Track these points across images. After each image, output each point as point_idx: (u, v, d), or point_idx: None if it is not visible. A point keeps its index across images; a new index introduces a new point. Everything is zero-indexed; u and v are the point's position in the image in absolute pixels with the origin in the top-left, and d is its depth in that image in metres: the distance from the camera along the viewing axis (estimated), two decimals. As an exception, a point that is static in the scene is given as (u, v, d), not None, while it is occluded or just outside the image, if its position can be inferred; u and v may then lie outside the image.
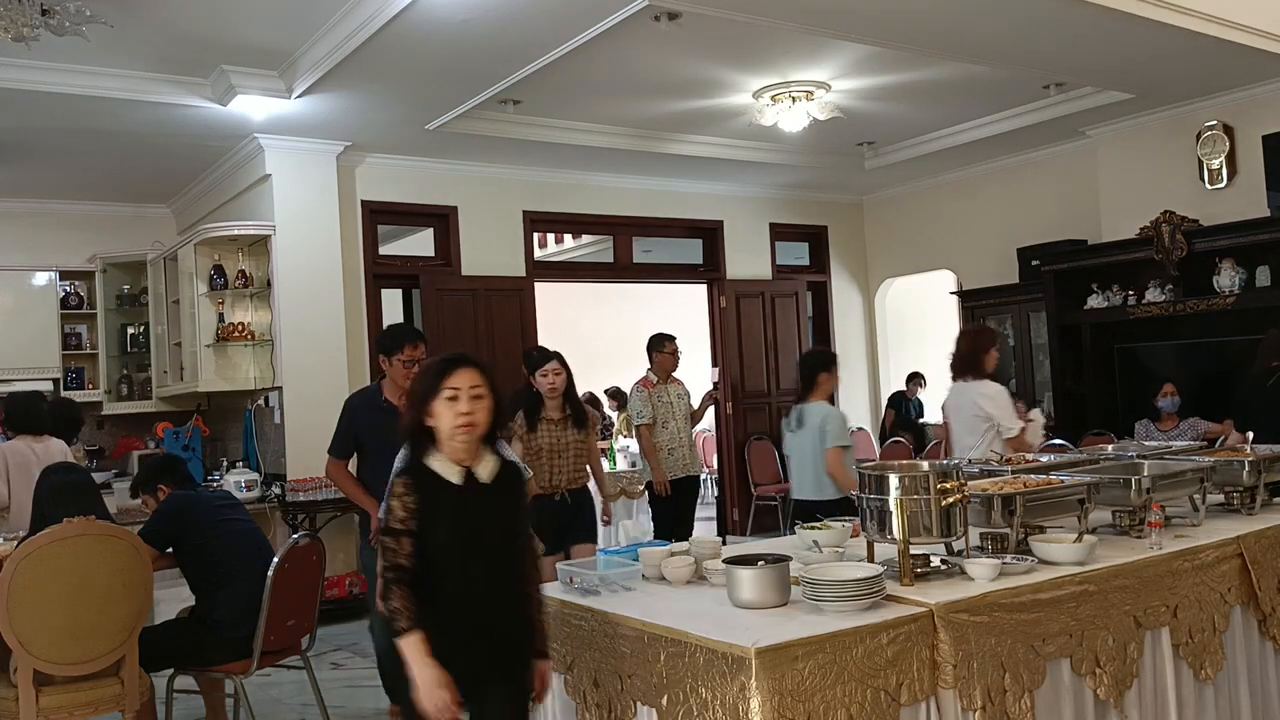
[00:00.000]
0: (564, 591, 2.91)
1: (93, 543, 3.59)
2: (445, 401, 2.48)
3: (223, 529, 4.05)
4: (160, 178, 7.80)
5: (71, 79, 5.63)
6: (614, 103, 6.86)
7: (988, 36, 5.62)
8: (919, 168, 9.04)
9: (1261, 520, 3.40)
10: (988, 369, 5.02)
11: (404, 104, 6.35)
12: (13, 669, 3.54)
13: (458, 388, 2.49)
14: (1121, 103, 7.12)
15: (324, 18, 5.20)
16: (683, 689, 2.35)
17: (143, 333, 8.36)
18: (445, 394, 2.49)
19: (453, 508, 2.47)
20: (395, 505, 2.44)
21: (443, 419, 2.49)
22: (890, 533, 2.68)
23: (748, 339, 9.44)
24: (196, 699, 4.36)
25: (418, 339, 4.42)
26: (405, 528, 2.43)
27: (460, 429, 2.47)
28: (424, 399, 2.51)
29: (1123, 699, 2.72)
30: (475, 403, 2.50)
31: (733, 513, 9.27)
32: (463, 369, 2.52)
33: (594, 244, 10.57)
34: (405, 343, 4.37)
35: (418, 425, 2.52)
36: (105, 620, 3.60)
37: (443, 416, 2.49)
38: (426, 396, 2.51)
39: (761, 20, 5.19)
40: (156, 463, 4.47)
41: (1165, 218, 7.16)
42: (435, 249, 8.07)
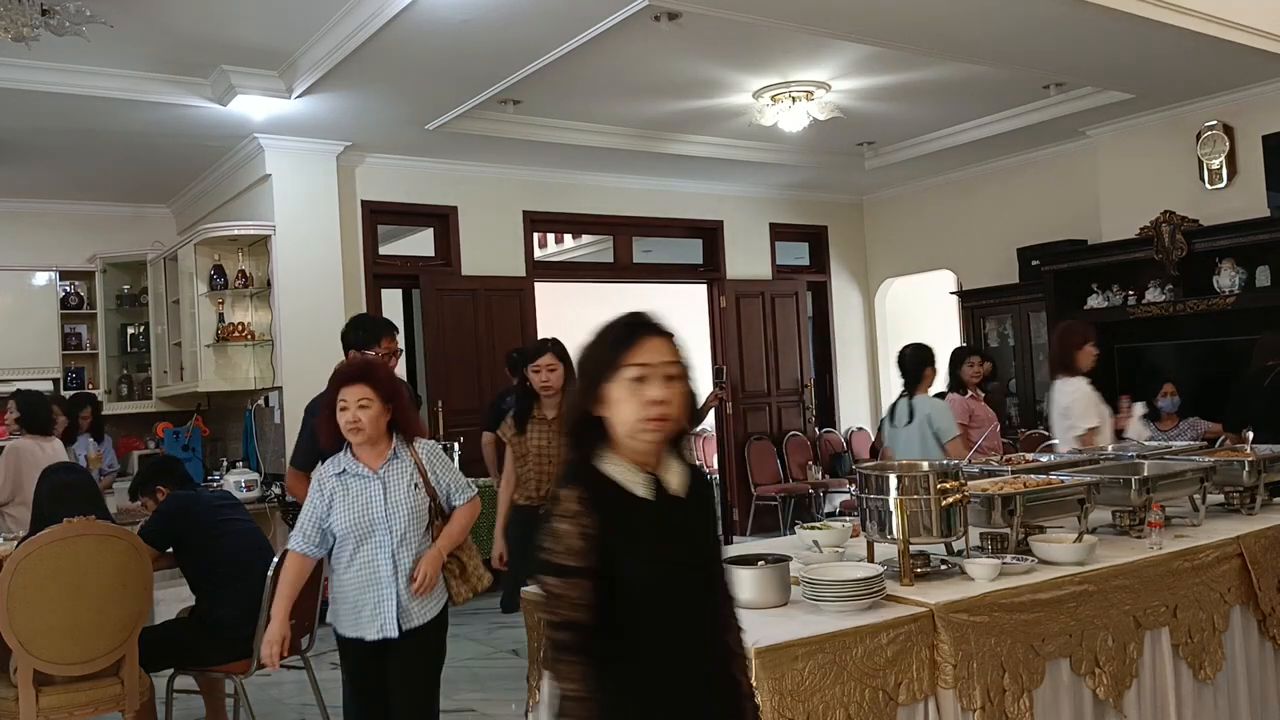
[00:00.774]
0: (564, 591, 2.90)
1: (93, 543, 3.60)
2: (628, 384, 1.80)
3: (223, 529, 4.05)
4: (160, 178, 7.80)
5: (71, 79, 5.63)
6: (614, 103, 6.86)
7: (988, 36, 5.62)
8: (919, 168, 9.04)
9: (1261, 520, 3.40)
10: (1079, 366, 4.95)
11: (404, 104, 6.35)
12: (13, 669, 3.54)
13: (648, 364, 1.81)
14: (1121, 103, 7.12)
15: (324, 18, 5.20)
16: (682, 689, 2.35)
17: (143, 333, 8.37)
18: (629, 373, 1.80)
19: (647, 532, 1.79)
20: (566, 530, 1.75)
21: (623, 408, 1.80)
22: (890, 533, 2.68)
23: (748, 339, 9.44)
24: (196, 699, 4.36)
25: (394, 330, 4.17)
26: (583, 564, 1.73)
27: (651, 423, 1.79)
28: (596, 379, 1.84)
29: (1122, 699, 2.72)
30: (669, 386, 1.81)
31: (733, 513, 9.27)
32: (652, 338, 1.84)
33: (594, 244, 10.57)
34: (383, 335, 4.11)
35: (584, 416, 1.85)
36: (105, 620, 3.60)
37: (623, 405, 1.80)
38: (600, 375, 1.83)
39: (761, 20, 5.19)
40: (154, 464, 4.47)
41: (1165, 218, 7.16)
42: (435, 249, 8.07)
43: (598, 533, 1.73)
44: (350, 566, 3.17)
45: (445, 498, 3.32)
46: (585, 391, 1.86)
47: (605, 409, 1.82)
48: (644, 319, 1.87)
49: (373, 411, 3.12)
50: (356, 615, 3.16)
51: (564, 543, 1.74)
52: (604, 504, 1.77)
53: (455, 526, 3.31)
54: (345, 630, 3.21)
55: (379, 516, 3.15)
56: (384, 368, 3.50)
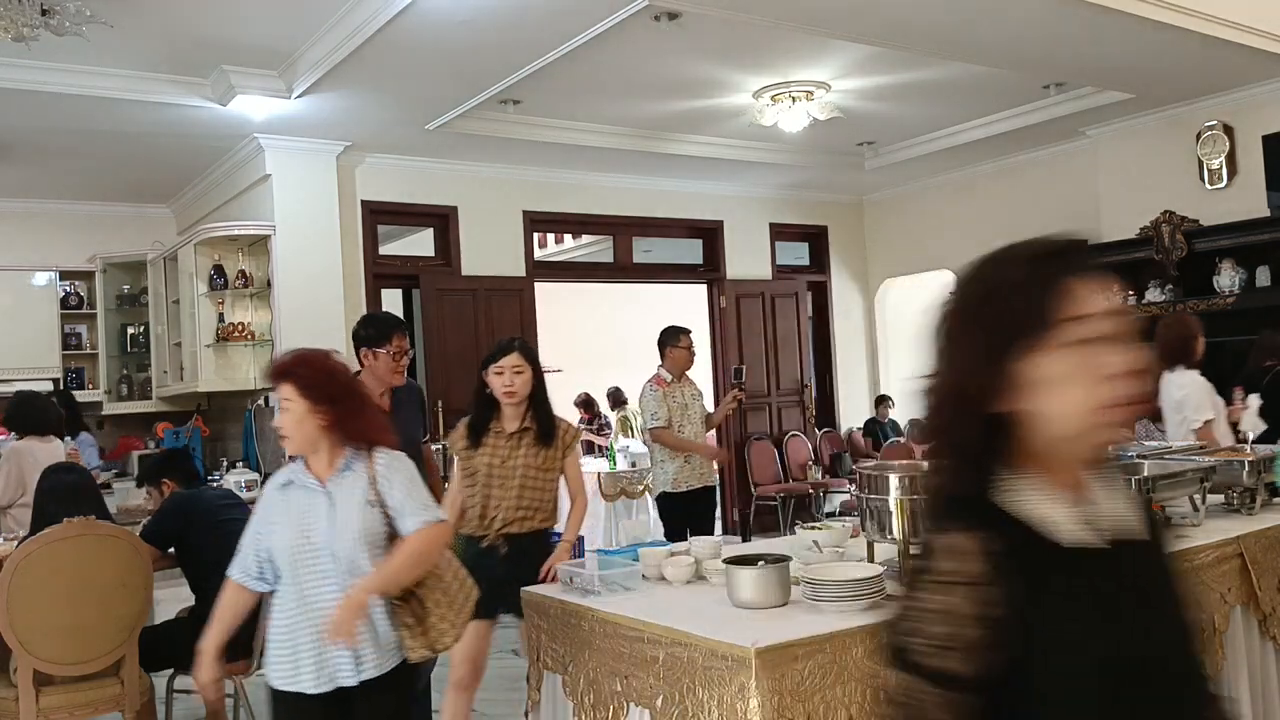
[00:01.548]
0: (564, 591, 2.90)
1: (93, 543, 3.60)
2: (1074, 354, 1.12)
3: (224, 528, 4.03)
4: (160, 178, 7.80)
5: (71, 79, 5.63)
6: (614, 103, 6.85)
7: (988, 36, 5.62)
8: (919, 168, 9.04)
9: (1261, 520, 3.40)
10: (1193, 357, 4.81)
11: (404, 104, 6.35)
12: (13, 669, 3.54)
13: (1106, 332, 1.15)
14: (1121, 103, 7.12)
15: (324, 18, 5.20)
16: (681, 689, 2.35)
17: (143, 333, 8.36)
18: (1075, 334, 1.13)
19: (1101, 608, 1.10)
20: (953, 607, 1.08)
21: (1069, 392, 1.12)
22: (890, 533, 2.68)
23: (748, 339, 9.44)
24: (196, 699, 4.35)
25: (404, 327, 4.01)
26: (975, 665, 1.07)
27: (1114, 417, 1.13)
28: (1005, 344, 1.13)
29: (1123, 699, 2.71)
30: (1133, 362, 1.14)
31: (733, 513, 9.27)
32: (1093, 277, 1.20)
33: (594, 244, 10.57)
34: (394, 331, 3.90)
35: (976, 418, 1.14)
36: (105, 620, 3.60)
37: (1069, 386, 1.12)
38: (1014, 339, 1.13)
39: (761, 20, 5.19)
40: (163, 456, 4.48)
41: (1165, 218, 7.16)
42: (435, 249, 8.07)
43: (1013, 613, 1.05)
44: (286, 600, 2.58)
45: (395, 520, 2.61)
46: (982, 370, 1.13)
47: (1021, 397, 1.12)
48: (1080, 245, 1.22)
49: (293, 414, 2.61)
50: (295, 662, 2.54)
51: (947, 627, 1.07)
52: (1022, 561, 1.07)
53: (395, 560, 2.55)
54: (279, 682, 2.56)
55: (321, 538, 2.55)
56: (319, 363, 2.73)
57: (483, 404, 3.65)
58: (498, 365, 3.59)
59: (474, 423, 3.64)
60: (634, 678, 2.51)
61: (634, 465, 9.06)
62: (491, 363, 3.63)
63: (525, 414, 3.61)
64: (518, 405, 3.60)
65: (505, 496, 3.54)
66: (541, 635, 2.91)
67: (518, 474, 3.55)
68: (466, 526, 3.59)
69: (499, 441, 3.60)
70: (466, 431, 3.65)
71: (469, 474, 3.61)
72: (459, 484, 3.66)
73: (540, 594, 2.96)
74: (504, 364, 3.58)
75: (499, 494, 3.54)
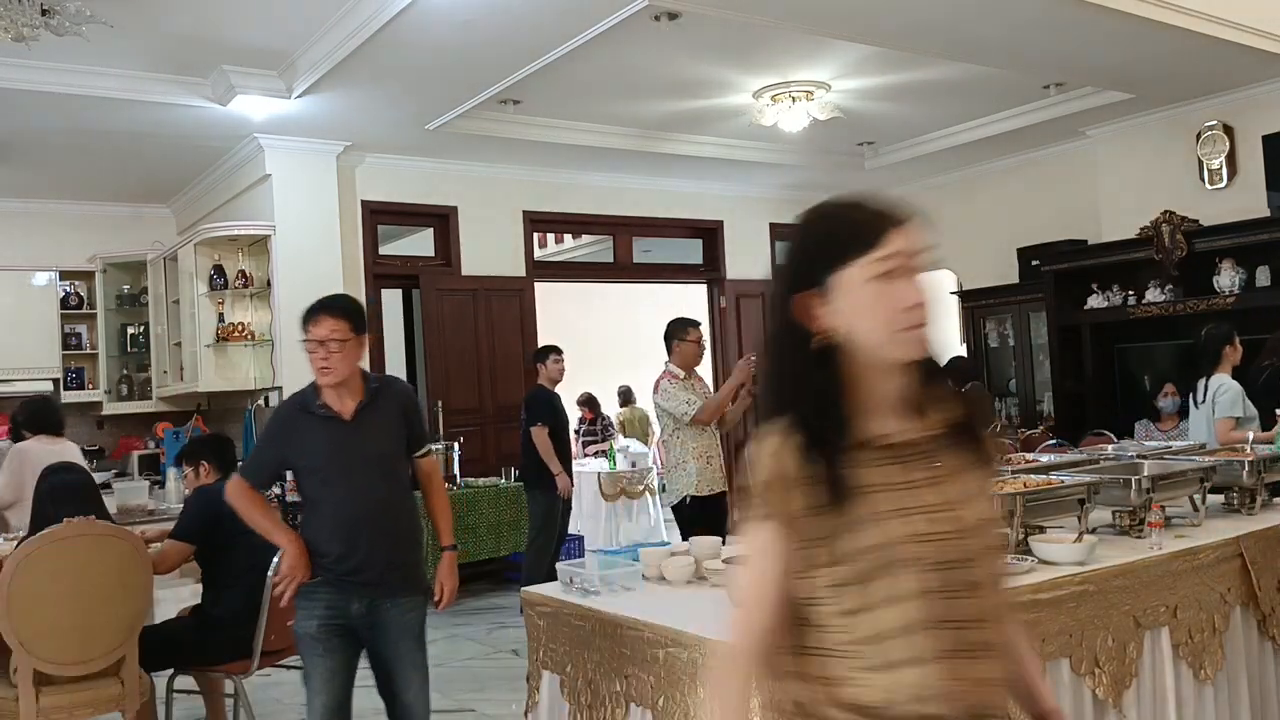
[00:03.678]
0: (564, 591, 2.90)
1: (93, 543, 3.60)
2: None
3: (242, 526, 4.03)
4: (160, 178, 7.80)
5: (71, 79, 5.63)
6: (614, 103, 6.86)
7: (988, 36, 5.62)
8: (919, 168, 9.03)
9: (1261, 520, 3.40)
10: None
11: (404, 104, 6.35)
12: (13, 669, 3.54)
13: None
14: (1121, 103, 7.12)
15: (324, 18, 5.20)
16: (682, 689, 2.35)
17: (143, 333, 8.37)
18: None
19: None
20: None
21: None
22: (890, 533, 2.67)
23: (748, 339, 9.44)
24: (196, 699, 4.36)
25: (323, 312, 3.09)
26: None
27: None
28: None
29: (1122, 699, 2.71)
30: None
31: (733, 512, 9.26)
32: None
33: (594, 244, 10.57)
34: (309, 318, 3.10)
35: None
36: (105, 620, 3.60)
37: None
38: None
39: (761, 20, 5.19)
40: (209, 438, 4.55)
41: (1165, 218, 7.15)
42: (435, 249, 8.07)
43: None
44: None
45: None
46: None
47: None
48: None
49: None
50: None
51: None
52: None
53: None
54: None
55: None
56: None
57: None
58: None
59: None
60: (634, 677, 2.51)
61: (634, 465, 9.07)
62: None
63: None
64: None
65: None
66: (541, 635, 2.91)
67: None
68: None
69: None
70: None
71: None
72: None
73: (540, 594, 2.96)
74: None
75: None
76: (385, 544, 3.14)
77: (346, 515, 3.12)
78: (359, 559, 3.11)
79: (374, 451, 3.14)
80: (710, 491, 5.16)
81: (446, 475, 7.29)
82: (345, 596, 3.13)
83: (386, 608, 3.13)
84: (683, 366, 5.27)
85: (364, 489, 3.12)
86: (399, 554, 3.18)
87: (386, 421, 3.18)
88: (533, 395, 6.59)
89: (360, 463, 3.12)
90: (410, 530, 3.26)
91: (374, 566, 3.12)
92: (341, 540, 3.11)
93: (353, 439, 3.12)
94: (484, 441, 7.88)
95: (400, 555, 3.18)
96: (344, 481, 3.12)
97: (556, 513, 6.48)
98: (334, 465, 3.12)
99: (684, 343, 5.29)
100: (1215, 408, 4.99)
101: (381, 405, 3.17)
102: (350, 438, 3.12)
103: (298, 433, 3.16)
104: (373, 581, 3.12)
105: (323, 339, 3.05)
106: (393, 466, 3.20)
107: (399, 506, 3.22)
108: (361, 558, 3.11)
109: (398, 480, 3.23)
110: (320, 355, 3.06)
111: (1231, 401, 4.98)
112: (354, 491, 3.12)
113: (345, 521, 3.11)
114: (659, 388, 5.22)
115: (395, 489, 3.21)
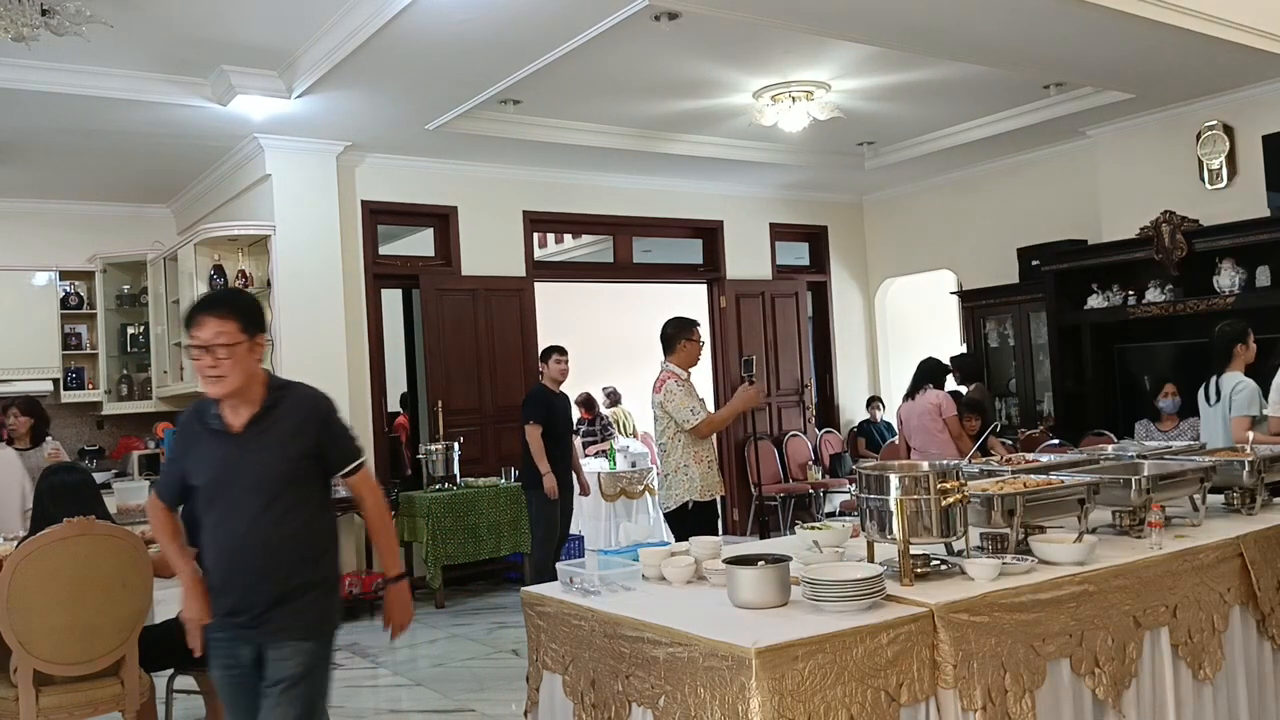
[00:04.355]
0: (564, 591, 2.90)
1: (93, 543, 3.60)
2: None
3: None
4: (160, 178, 7.80)
5: (71, 79, 5.63)
6: (614, 103, 6.86)
7: (988, 36, 5.62)
8: (919, 168, 9.04)
9: (1261, 520, 3.40)
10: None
11: (404, 104, 6.35)
12: (13, 669, 3.54)
13: None
14: (1121, 103, 7.12)
15: (324, 18, 5.20)
16: (682, 689, 2.35)
17: (143, 333, 8.37)
18: None
19: None
20: None
21: None
22: (890, 533, 2.67)
23: (748, 339, 9.44)
24: (196, 699, 4.36)
25: (206, 312, 2.70)
26: None
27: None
28: None
29: (1121, 699, 2.72)
30: None
31: (733, 513, 9.27)
32: None
33: (594, 244, 10.57)
34: (189, 322, 2.74)
35: None
36: (105, 620, 3.60)
37: None
38: None
39: (761, 20, 5.19)
40: None
41: (1165, 218, 7.16)
42: (435, 249, 8.07)
43: None
44: None
45: None
46: None
47: None
48: None
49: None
50: None
51: None
52: None
53: None
54: None
55: None
56: None
57: None
58: None
59: None
60: (635, 677, 2.51)
61: (634, 465, 9.07)
62: None
63: None
64: None
65: None
66: (541, 635, 2.91)
67: None
68: None
69: None
70: None
71: None
72: None
73: (540, 594, 2.96)
74: None
75: None
76: (263, 580, 2.69)
77: (221, 546, 2.73)
78: (235, 597, 2.72)
79: (256, 472, 2.70)
80: (710, 496, 5.13)
81: (447, 475, 7.30)
82: (234, 642, 2.76)
83: (271, 655, 2.72)
84: (684, 366, 5.22)
85: (241, 515, 2.69)
86: (281, 592, 2.70)
87: (280, 437, 2.72)
88: (530, 394, 6.62)
89: (240, 485, 2.70)
90: (300, 564, 2.74)
91: (250, 607, 2.70)
92: (219, 575, 2.74)
93: (236, 457, 2.71)
94: (484, 441, 7.88)
95: (284, 594, 2.70)
96: (223, 505, 2.72)
97: (554, 513, 6.47)
98: (216, 486, 2.73)
99: (690, 342, 5.27)
100: (1232, 405, 4.96)
101: (277, 418, 2.73)
102: (234, 455, 2.71)
103: (192, 446, 2.79)
104: (253, 624, 2.71)
105: (207, 343, 2.65)
106: (283, 490, 2.70)
107: (286, 536, 2.71)
108: (237, 596, 2.72)
109: (291, 506, 2.72)
110: (207, 363, 2.65)
111: (1249, 400, 4.97)
112: (230, 518, 2.71)
113: (221, 553, 2.73)
114: (663, 387, 5.11)
115: (285, 516, 2.71)
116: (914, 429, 6.40)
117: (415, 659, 5.86)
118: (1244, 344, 5.17)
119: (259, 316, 2.79)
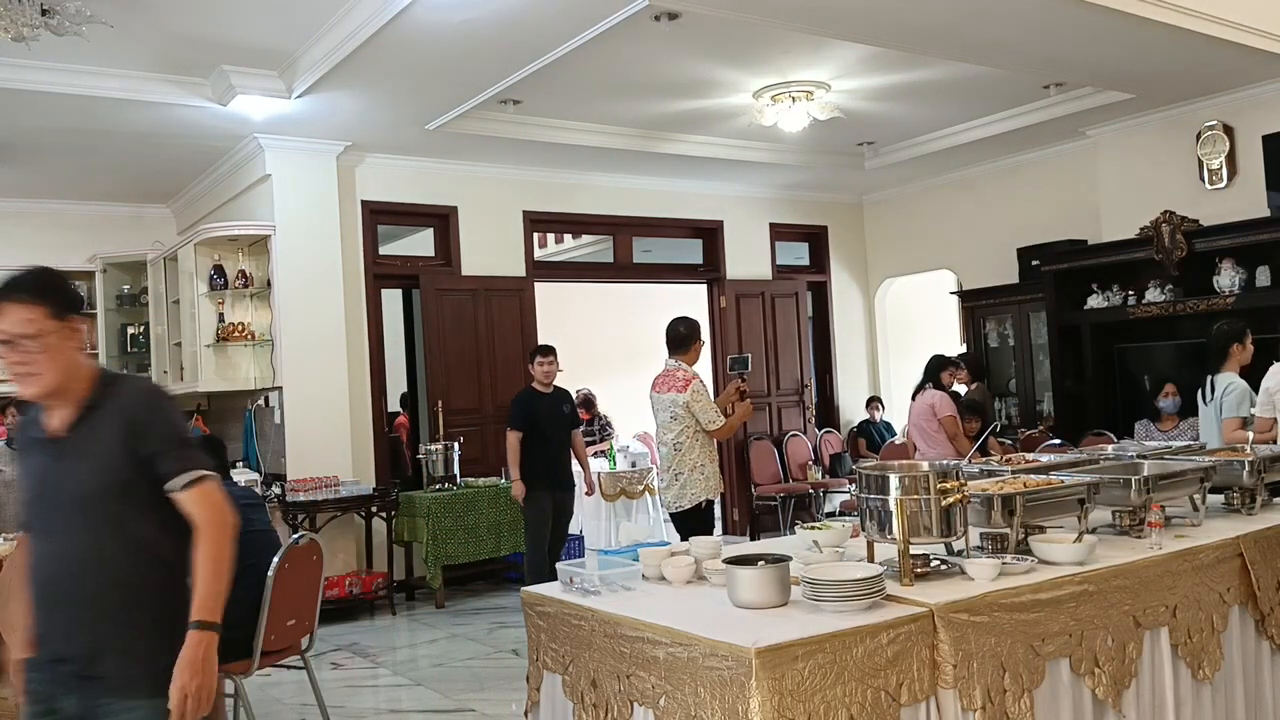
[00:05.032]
0: (564, 591, 2.90)
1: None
2: None
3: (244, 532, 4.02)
4: (160, 178, 7.81)
5: (71, 79, 5.63)
6: (614, 103, 6.86)
7: (988, 36, 5.62)
8: (919, 168, 9.04)
9: (1261, 520, 3.40)
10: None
11: (404, 104, 6.35)
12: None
13: None
14: (1121, 103, 7.12)
15: (324, 18, 5.20)
16: (682, 689, 2.35)
17: (143, 333, 8.37)
18: None
19: None
20: None
21: None
22: (890, 533, 2.67)
23: (748, 339, 9.44)
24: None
25: (3, 300, 2.17)
26: None
27: None
28: None
29: (1121, 699, 2.72)
30: None
31: (733, 513, 9.27)
32: None
33: (594, 244, 10.57)
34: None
35: None
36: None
37: None
38: None
39: (761, 20, 5.19)
40: (201, 441, 4.48)
41: (1165, 218, 7.16)
42: (435, 249, 8.07)
43: None
44: None
45: None
46: None
47: None
48: None
49: None
50: None
51: None
52: None
53: None
54: None
55: None
56: None
57: None
58: None
59: None
60: (635, 677, 2.51)
61: (634, 465, 9.07)
62: None
63: None
64: None
65: None
66: (541, 635, 2.91)
67: None
68: None
69: None
70: None
71: None
72: None
73: (540, 594, 2.96)
74: None
75: None
76: (86, 620, 2.19)
77: (39, 577, 2.24)
78: (56, 640, 2.22)
79: (73, 487, 2.19)
80: (717, 495, 5.29)
81: (447, 475, 7.30)
82: (54, 688, 2.23)
83: (101, 712, 2.19)
84: (691, 365, 5.30)
85: (58, 540, 2.21)
86: (110, 635, 2.20)
87: (100, 444, 2.18)
88: (514, 398, 6.63)
89: (56, 502, 2.21)
90: (134, 601, 2.21)
91: (74, 652, 2.19)
92: (40, 615, 2.24)
93: (54, 469, 2.22)
94: (484, 441, 7.88)
95: (112, 637, 2.20)
96: (39, 528, 2.26)
97: (542, 514, 6.43)
98: (35, 505, 2.27)
99: (699, 343, 5.42)
100: (1222, 406, 4.97)
101: (99, 420, 2.20)
102: (51, 467, 2.23)
103: (21, 458, 2.35)
104: (76, 673, 2.19)
105: (10, 336, 2.15)
106: (106, 508, 2.18)
107: (113, 566, 2.20)
108: (59, 639, 2.21)
109: (117, 529, 2.19)
110: (14, 359, 2.16)
111: (1238, 401, 4.96)
112: (48, 543, 2.23)
113: (39, 586, 2.24)
114: (689, 387, 5.10)
115: (109, 543, 2.19)
116: (914, 428, 6.44)
117: (415, 659, 5.87)
118: (1240, 344, 5.17)
119: (70, 295, 2.26)
